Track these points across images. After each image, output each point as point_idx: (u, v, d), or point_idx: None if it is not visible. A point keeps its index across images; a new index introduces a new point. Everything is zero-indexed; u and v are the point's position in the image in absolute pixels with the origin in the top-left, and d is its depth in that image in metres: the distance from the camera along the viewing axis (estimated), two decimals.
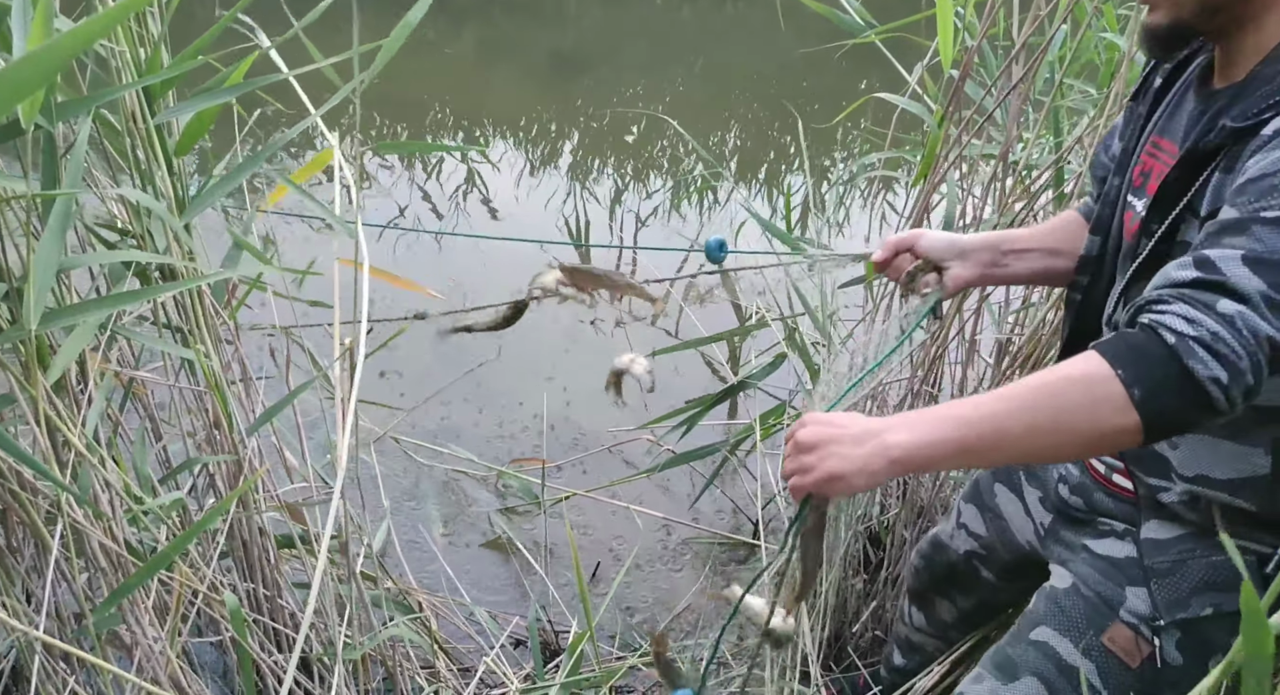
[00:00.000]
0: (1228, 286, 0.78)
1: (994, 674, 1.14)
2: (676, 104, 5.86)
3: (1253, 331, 0.77)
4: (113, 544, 1.12)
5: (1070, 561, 1.17)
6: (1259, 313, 0.77)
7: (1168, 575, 1.05)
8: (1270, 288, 0.78)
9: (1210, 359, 0.77)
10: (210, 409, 1.34)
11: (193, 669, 1.35)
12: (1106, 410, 0.78)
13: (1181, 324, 0.78)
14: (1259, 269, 0.79)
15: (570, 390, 2.85)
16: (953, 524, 1.46)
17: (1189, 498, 1.04)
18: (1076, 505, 1.18)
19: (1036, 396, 0.81)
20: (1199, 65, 1.03)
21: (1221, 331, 0.77)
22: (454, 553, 2.14)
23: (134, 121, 1.14)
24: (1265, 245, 0.79)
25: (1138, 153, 1.07)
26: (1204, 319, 0.78)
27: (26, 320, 0.93)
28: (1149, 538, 1.07)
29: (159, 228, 1.17)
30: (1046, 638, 1.12)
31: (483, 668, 1.73)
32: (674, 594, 2.16)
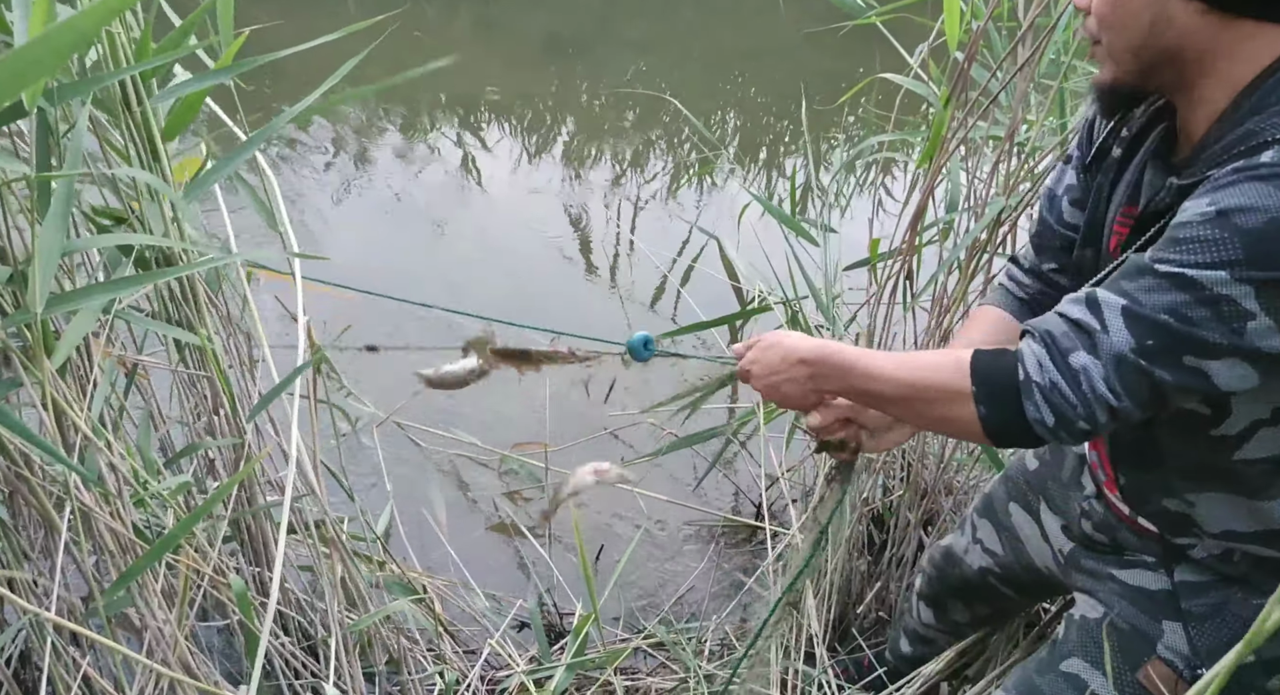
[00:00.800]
0: (1095, 338, 0.84)
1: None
2: (675, 86, 5.83)
3: (1091, 388, 0.84)
4: (121, 527, 1.12)
5: (1098, 591, 1.14)
6: (1105, 373, 0.83)
7: (1207, 620, 1.02)
8: (1131, 347, 0.82)
9: (1043, 404, 0.86)
10: (210, 396, 1.34)
11: (201, 652, 1.36)
12: (958, 416, 0.91)
13: (1034, 366, 0.86)
14: (1131, 323, 0.82)
15: (573, 375, 2.85)
16: (968, 538, 1.44)
17: (1221, 552, 1.01)
18: (1101, 541, 1.15)
19: (911, 392, 0.94)
20: (1156, 136, 0.99)
21: (1061, 383, 0.85)
22: (458, 537, 2.15)
23: (126, 106, 1.13)
24: (1145, 300, 0.82)
25: (1109, 224, 1.03)
26: (1051, 369, 0.86)
27: (32, 304, 0.93)
28: (1184, 580, 1.05)
29: (155, 214, 1.17)
30: (1078, 670, 1.10)
31: (488, 650, 1.74)
32: (678, 576, 2.17)
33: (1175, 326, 0.81)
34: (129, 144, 1.11)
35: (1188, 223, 0.81)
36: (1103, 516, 1.14)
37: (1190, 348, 0.81)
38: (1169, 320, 0.81)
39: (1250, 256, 0.77)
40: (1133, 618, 1.08)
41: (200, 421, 1.36)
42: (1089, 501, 1.16)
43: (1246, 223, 0.77)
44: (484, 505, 2.35)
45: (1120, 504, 1.11)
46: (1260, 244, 0.77)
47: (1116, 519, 1.12)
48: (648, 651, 1.83)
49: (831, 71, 5.56)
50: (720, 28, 7.32)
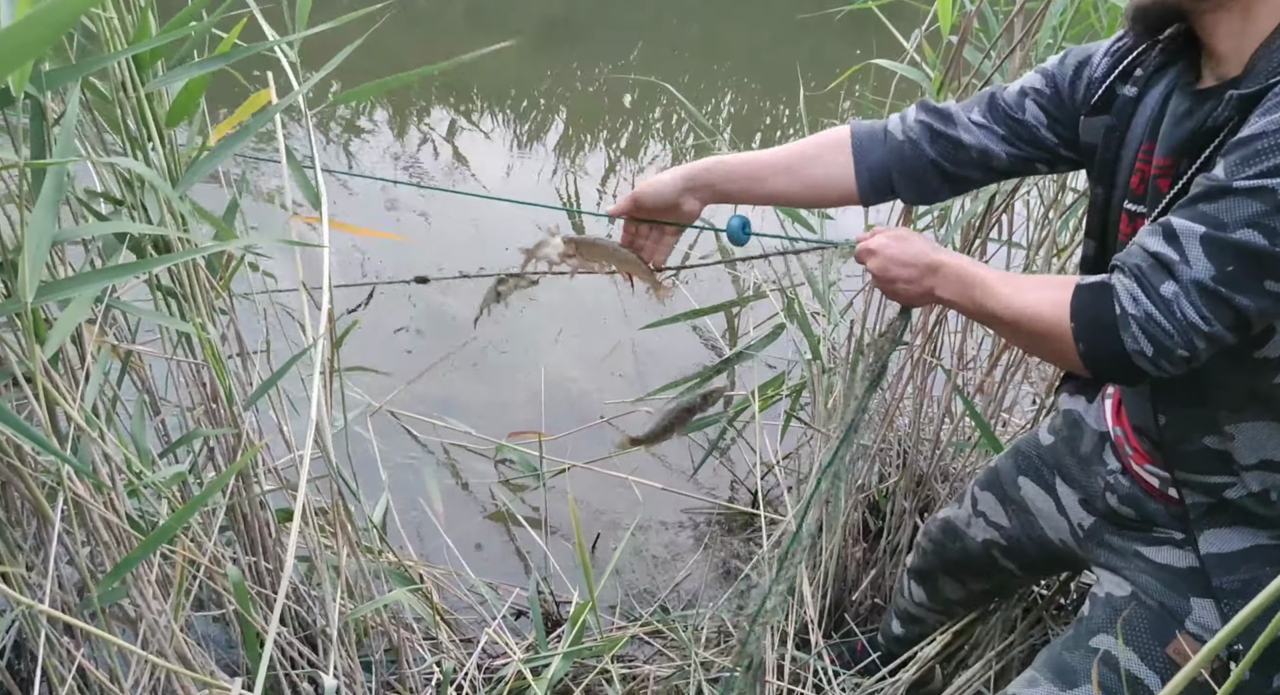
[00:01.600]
0: (1175, 269, 0.86)
1: (1051, 679, 1.13)
2: (671, 72, 5.80)
3: (1184, 315, 0.86)
4: (115, 517, 1.11)
5: (1123, 569, 1.15)
6: (1191, 299, 0.85)
7: (1239, 596, 1.03)
8: (1212, 275, 0.84)
9: (1140, 336, 0.87)
10: (208, 382, 1.33)
11: (197, 642, 1.35)
12: (1062, 349, 0.94)
13: (1128, 300, 0.88)
14: (1212, 250, 0.84)
15: (567, 363, 2.84)
16: (968, 510, 1.44)
17: (1259, 490, 1.01)
18: (1128, 515, 1.15)
19: (1019, 321, 0.97)
20: (1175, 76, 1.02)
21: (1155, 314, 0.87)
22: (454, 526, 2.14)
23: (124, 91, 1.12)
24: (1226, 219, 0.84)
25: (1127, 163, 1.05)
26: (1144, 301, 0.87)
27: (22, 293, 0.92)
28: (1211, 553, 1.05)
29: (153, 200, 1.16)
30: (1107, 646, 1.11)
31: (485, 638, 1.74)
32: (674, 564, 2.18)
33: (1256, 244, 0.82)
34: (124, 130, 1.09)
35: (1262, 134, 0.83)
36: (1129, 490, 1.15)
37: (1271, 270, 0.83)
38: (1250, 237, 0.82)
39: None
40: (1160, 595, 1.10)
41: (198, 410, 1.35)
42: (1113, 476, 1.17)
43: None
44: (480, 494, 2.35)
45: (1147, 475, 1.11)
46: None
47: (1144, 492, 1.13)
48: (645, 639, 1.83)
49: (827, 57, 5.54)
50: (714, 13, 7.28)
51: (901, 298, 1.09)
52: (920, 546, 1.58)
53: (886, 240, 1.08)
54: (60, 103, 1.11)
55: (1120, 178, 1.07)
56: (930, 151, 1.18)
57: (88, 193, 1.22)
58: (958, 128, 1.17)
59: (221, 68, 1.09)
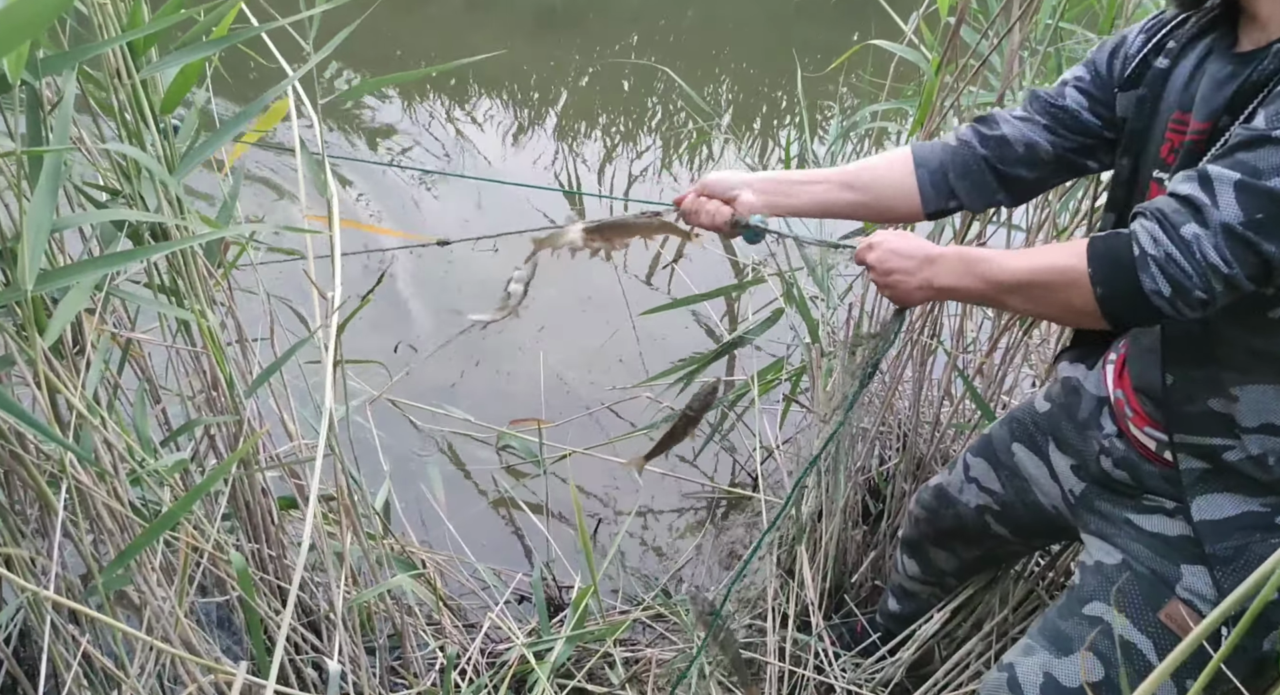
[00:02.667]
0: (1205, 212, 0.87)
1: (1046, 647, 1.14)
2: (668, 57, 5.78)
3: (1204, 256, 0.87)
4: (118, 505, 1.12)
5: (1113, 536, 1.16)
6: (1215, 241, 0.86)
7: (1230, 563, 1.04)
8: (1241, 220, 0.85)
9: (1159, 275, 0.88)
10: (208, 370, 1.33)
11: (201, 628, 1.36)
12: (1076, 299, 0.94)
13: (1148, 241, 0.89)
14: (1244, 197, 0.85)
15: (568, 349, 2.84)
16: (960, 476, 1.45)
17: (1258, 453, 1.02)
18: (1121, 478, 1.16)
19: (1032, 277, 0.98)
20: (1209, 44, 1.03)
21: (1175, 254, 0.88)
22: (456, 513, 2.15)
23: (118, 78, 1.11)
24: (1262, 166, 0.85)
25: (1158, 131, 1.06)
26: (1164, 241, 0.88)
27: (22, 281, 0.92)
28: (1204, 520, 1.06)
29: (150, 188, 1.15)
30: (1100, 613, 1.12)
31: (488, 623, 1.74)
32: (676, 548, 2.18)
33: None
34: (120, 115, 1.09)
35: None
36: (1124, 453, 1.15)
37: None
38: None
39: None
40: (1150, 562, 1.11)
41: (198, 397, 1.35)
42: (1109, 439, 1.17)
43: None
44: (481, 481, 2.35)
45: (1145, 438, 1.12)
46: None
47: (1139, 455, 1.14)
48: (647, 623, 1.84)
49: (825, 40, 5.52)
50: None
51: (899, 291, 1.09)
52: (912, 515, 1.59)
53: (886, 235, 1.11)
54: (56, 90, 1.11)
55: (1151, 148, 1.08)
56: (981, 149, 1.21)
57: (85, 183, 1.22)
58: (1000, 125, 1.21)
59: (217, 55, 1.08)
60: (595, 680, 1.72)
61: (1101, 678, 1.10)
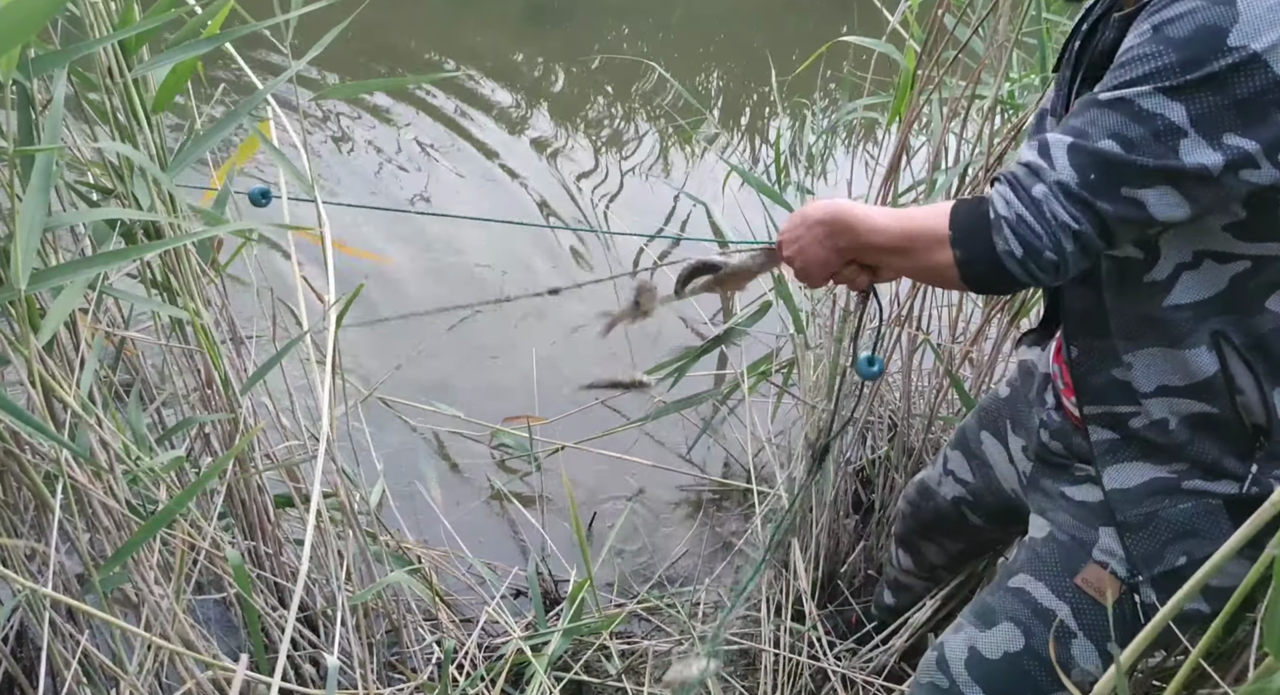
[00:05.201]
0: (1044, 174, 0.90)
1: (972, 622, 1.17)
2: (656, 52, 5.78)
3: (1053, 215, 0.89)
4: (114, 503, 1.12)
5: (1049, 511, 1.18)
6: (1060, 200, 0.89)
7: (1140, 529, 1.06)
8: (1074, 179, 0.88)
9: (1011, 237, 0.90)
10: (202, 368, 1.34)
11: (199, 625, 1.37)
12: (943, 262, 0.96)
13: (1001, 204, 0.91)
14: (1075, 158, 0.88)
15: (559, 344, 2.85)
16: (940, 470, 1.47)
17: (1159, 418, 1.04)
18: (1057, 449, 1.18)
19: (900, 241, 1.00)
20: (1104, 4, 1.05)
21: (1025, 215, 0.90)
22: (450, 509, 2.16)
23: (110, 77, 1.12)
24: (1090, 130, 0.88)
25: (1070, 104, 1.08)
26: (1015, 202, 0.91)
27: (15, 280, 0.93)
28: (1115, 488, 1.08)
29: (142, 186, 1.16)
30: (1023, 584, 1.14)
31: (484, 618, 1.75)
32: (670, 541, 2.19)
33: (1114, 153, 0.86)
34: (112, 116, 1.09)
35: (1128, 48, 0.88)
36: (1059, 424, 1.17)
37: (1126, 177, 0.87)
38: (1110, 146, 0.87)
39: (1180, 61, 0.84)
40: (1071, 529, 1.13)
41: (193, 396, 1.35)
42: (1049, 413, 1.19)
43: (1176, 32, 0.84)
44: (475, 478, 2.36)
45: (1074, 408, 1.14)
46: (1187, 47, 0.84)
47: (1071, 426, 1.16)
48: (642, 615, 1.85)
49: (813, 34, 5.52)
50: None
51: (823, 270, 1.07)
52: (900, 511, 1.61)
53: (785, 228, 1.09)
54: (46, 91, 1.11)
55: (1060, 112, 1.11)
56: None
57: (78, 182, 1.22)
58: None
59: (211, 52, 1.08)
60: (592, 672, 1.73)
61: (1022, 647, 1.11)
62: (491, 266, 3.25)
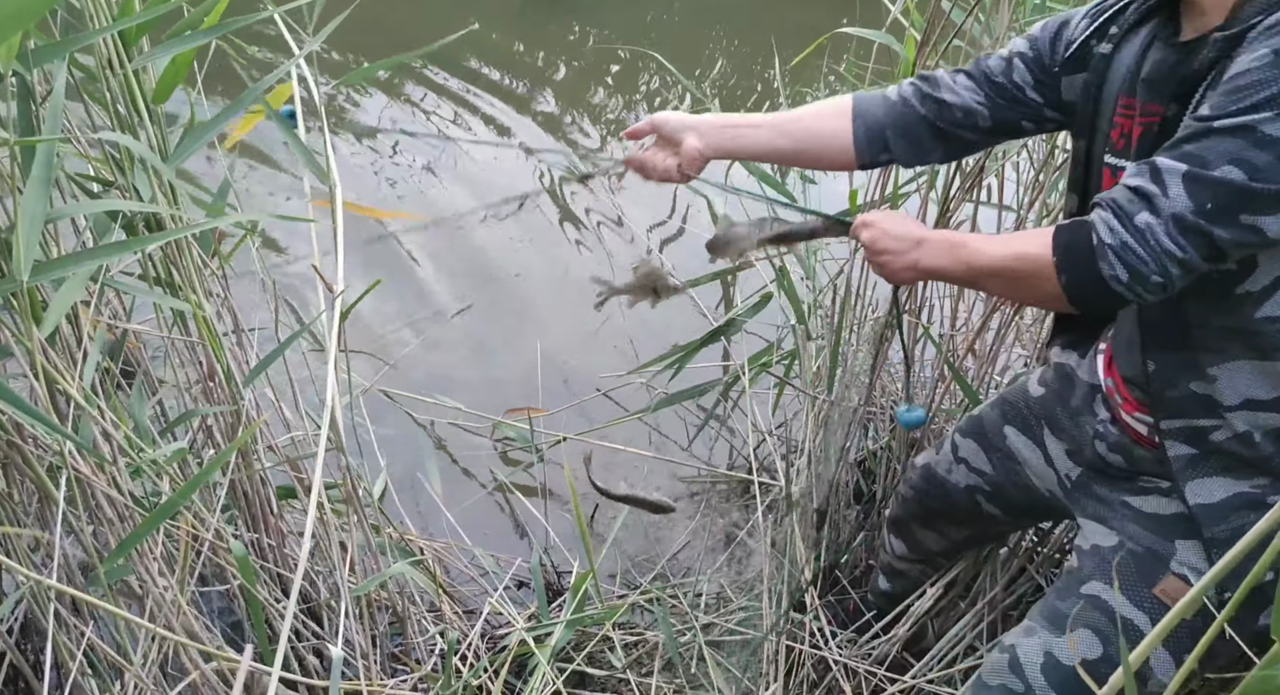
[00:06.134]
0: (1155, 202, 0.91)
1: (1046, 627, 1.16)
2: (656, 41, 5.76)
3: (1158, 244, 0.91)
4: (117, 494, 1.12)
5: (1110, 519, 1.17)
6: (1168, 230, 0.90)
7: (1229, 544, 1.00)
8: (1191, 210, 0.89)
9: (1117, 263, 0.93)
10: (204, 361, 1.34)
11: (203, 616, 1.37)
12: (1046, 285, 0.99)
13: (1105, 231, 0.93)
14: (1193, 187, 0.89)
15: (560, 336, 2.85)
16: (948, 457, 1.46)
17: (1243, 431, 1.03)
18: (1116, 462, 1.17)
19: (1005, 264, 1.03)
20: (1151, 31, 1.06)
21: (1130, 242, 0.92)
22: (453, 501, 2.16)
23: (110, 68, 1.11)
24: (1208, 158, 0.88)
25: (1105, 116, 1.10)
26: (1120, 230, 0.92)
27: (17, 271, 0.92)
28: (1200, 503, 1.07)
29: (144, 180, 1.15)
30: (1098, 591, 1.13)
31: (488, 609, 1.75)
32: (672, 532, 2.20)
33: (1235, 182, 0.87)
34: (113, 107, 1.09)
35: (1244, 72, 0.87)
36: (1118, 438, 1.17)
37: (1248, 204, 0.88)
38: (1232, 173, 0.87)
39: None
40: (1146, 541, 1.12)
41: (195, 388, 1.35)
42: (1103, 425, 1.19)
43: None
44: (477, 470, 2.36)
45: (1135, 423, 1.13)
46: None
47: (1131, 440, 1.15)
48: (645, 606, 1.85)
49: (814, 24, 5.50)
50: None
51: (888, 269, 1.14)
52: (900, 495, 1.60)
53: (881, 216, 1.15)
54: (46, 83, 1.10)
55: (1100, 132, 1.11)
56: (920, 109, 1.25)
57: (79, 174, 1.22)
58: (941, 89, 1.24)
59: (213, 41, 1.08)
60: (595, 663, 1.73)
61: (1100, 655, 1.11)
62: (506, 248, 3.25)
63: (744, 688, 1.67)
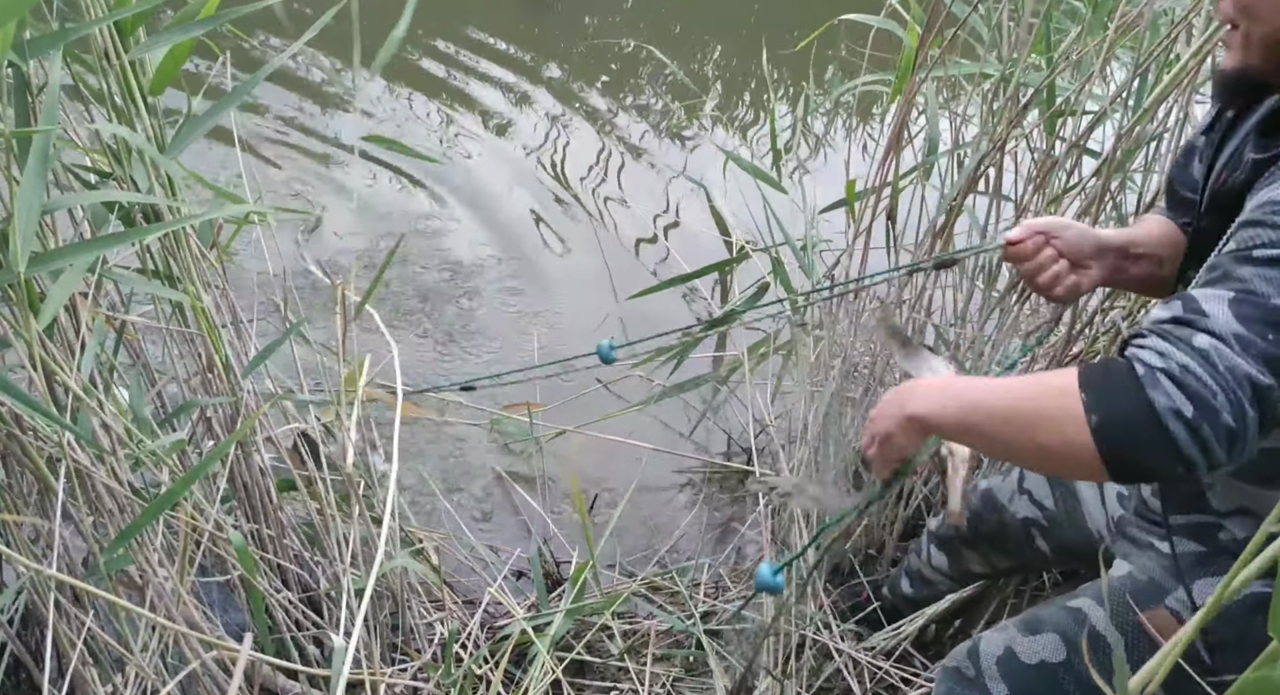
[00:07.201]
0: (1205, 324, 0.76)
1: (1017, 627, 1.16)
2: (653, 34, 5.74)
3: (1229, 368, 0.73)
4: (117, 485, 1.12)
5: (1133, 555, 1.15)
6: (1234, 350, 0.74)
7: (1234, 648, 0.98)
8: (1247, 330, 0.75)
9: (1175, 391, 0.73)
10: (203, 352, 1.34)
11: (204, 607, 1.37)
12: (1070, 434, 0.78)
13: (1154, 357, 0.76)
14: (1242, 310, 0.76)
15: (558, 328, 2.85)
16: (1013, 485, 1.42)
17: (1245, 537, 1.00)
18: (1156, 509, 1.13)
19: (1016, 402, 0.83)
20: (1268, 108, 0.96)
21: (1191, 364, 0.74)
22: (451, 494, 2.17)
23: (107, 59, 1.11)
24: (1253, 289, 0.77)
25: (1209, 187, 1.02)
26: (1174, 352, 0.75)
27: (15, 263, 0.92)
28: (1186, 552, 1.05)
29: (141, 171, 1.15)
30: (1081, 605, 1.12)
31: (487, 599, 1.76)
32: (671, 522, 2.20)
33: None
34: (110, 98, 1.09)
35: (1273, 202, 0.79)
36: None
37: None
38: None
39: None
40: (1152, 572, 1.11)
41: (194, 379, 1.36)
42: None
43: None
44: (476, 461, 2.36)
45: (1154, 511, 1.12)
46: None
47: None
48: (646, 596, 1.86)
49: (814, 14, 5.48)
50: None
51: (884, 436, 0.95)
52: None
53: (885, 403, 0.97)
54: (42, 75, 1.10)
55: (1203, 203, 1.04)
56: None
57: (75, 165, 1.22)
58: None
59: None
60: (594, 652, 1.74)
61: (1061, 660, 1.09)
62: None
63: (741, 675, 1.67)
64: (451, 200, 3.54)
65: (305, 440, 1.54)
